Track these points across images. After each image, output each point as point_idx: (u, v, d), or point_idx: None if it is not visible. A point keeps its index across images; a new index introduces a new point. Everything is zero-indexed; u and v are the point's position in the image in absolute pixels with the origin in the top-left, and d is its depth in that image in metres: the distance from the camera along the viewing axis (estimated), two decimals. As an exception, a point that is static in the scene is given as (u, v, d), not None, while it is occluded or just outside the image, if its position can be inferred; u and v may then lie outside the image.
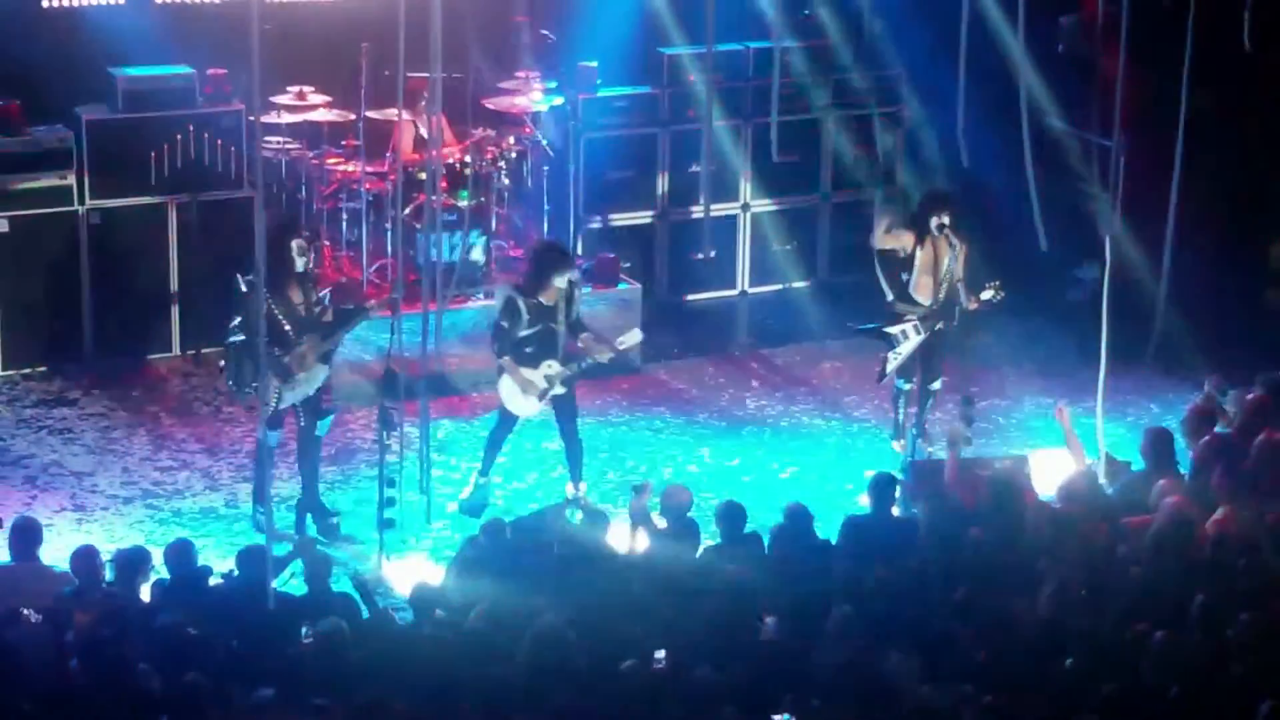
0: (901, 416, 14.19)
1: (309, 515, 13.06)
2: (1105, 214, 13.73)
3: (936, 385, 14.08)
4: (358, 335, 14.94)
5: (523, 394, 13.19)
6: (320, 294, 12.94)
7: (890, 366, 13.96)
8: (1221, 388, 13.69)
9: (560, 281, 13.07)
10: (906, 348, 13.85)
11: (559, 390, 13.24)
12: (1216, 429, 12.62)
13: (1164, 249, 14.27)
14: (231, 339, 12.64)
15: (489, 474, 13.51)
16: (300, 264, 12.66)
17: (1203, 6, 13.17)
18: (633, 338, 13.65)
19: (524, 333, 13.07)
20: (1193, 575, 10.60)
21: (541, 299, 13.08)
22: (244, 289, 12.46)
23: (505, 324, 13.09)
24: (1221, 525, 11.18)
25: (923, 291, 13.79)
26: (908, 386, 14.07)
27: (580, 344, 13.25)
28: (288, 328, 12.63)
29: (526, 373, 13.14)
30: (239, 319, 12.54)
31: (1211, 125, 15.16)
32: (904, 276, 13.84)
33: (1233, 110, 15.85)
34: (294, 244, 12.67)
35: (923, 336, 13.82)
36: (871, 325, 14.19)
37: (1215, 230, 15.94)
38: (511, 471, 13.83)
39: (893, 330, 13.90)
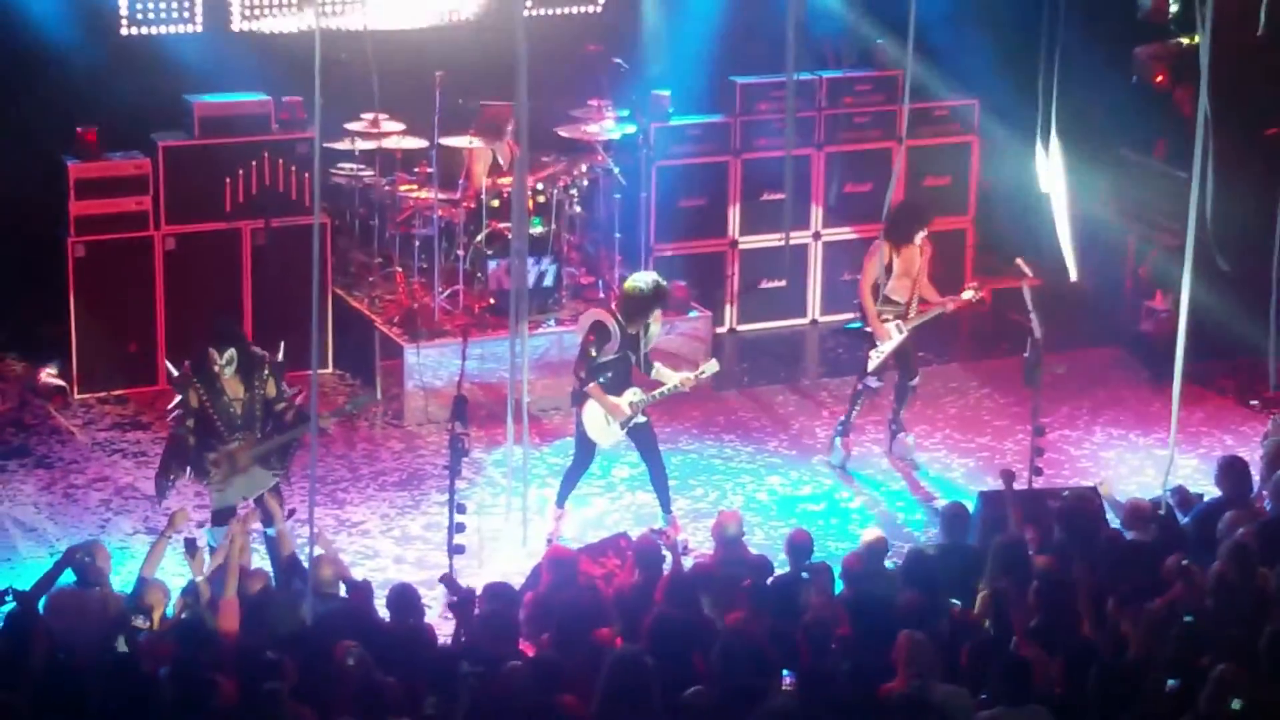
0: (854, 415, 14.57)
1: None
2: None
3: (915, 381, 14.60)
4: (428, 361, 15.07)
5: (607, 423, 13.19)
6: (285, 391, 12.12)
7: (872, 365, 14.42)
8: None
9: (653, 318, 13.19)
10: (888, 346, 14.32)
11: (640, 419, 13.28)
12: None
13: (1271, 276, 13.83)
14: (171, 423, 12.20)
15: (564, 506, 13.50)
16: (222, 371, 11.92)
17: None
18: (710, 368, 13.62)
19: (605, 359, 13.13)
20: (1264, 607, 10.53)
21: (629, 328, 13.16)
22: (174, 374, 12.15)
23: (594, 349, 13.09)
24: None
25: (900, 292, 14.34)
26: (876, 385, 14.51)
27: (653, 375, 13.28)
28: (218, 423, 12.03)
29: (613, 400, 13.19)
30: (177, 401, 12.11)
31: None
32: (883, 281, 14.37)
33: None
34: (210, 351, 11.94)
35: (904, 335, 14.33)
36: (859, 324, 14.68)
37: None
38: (580, 498, 13.83)
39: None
